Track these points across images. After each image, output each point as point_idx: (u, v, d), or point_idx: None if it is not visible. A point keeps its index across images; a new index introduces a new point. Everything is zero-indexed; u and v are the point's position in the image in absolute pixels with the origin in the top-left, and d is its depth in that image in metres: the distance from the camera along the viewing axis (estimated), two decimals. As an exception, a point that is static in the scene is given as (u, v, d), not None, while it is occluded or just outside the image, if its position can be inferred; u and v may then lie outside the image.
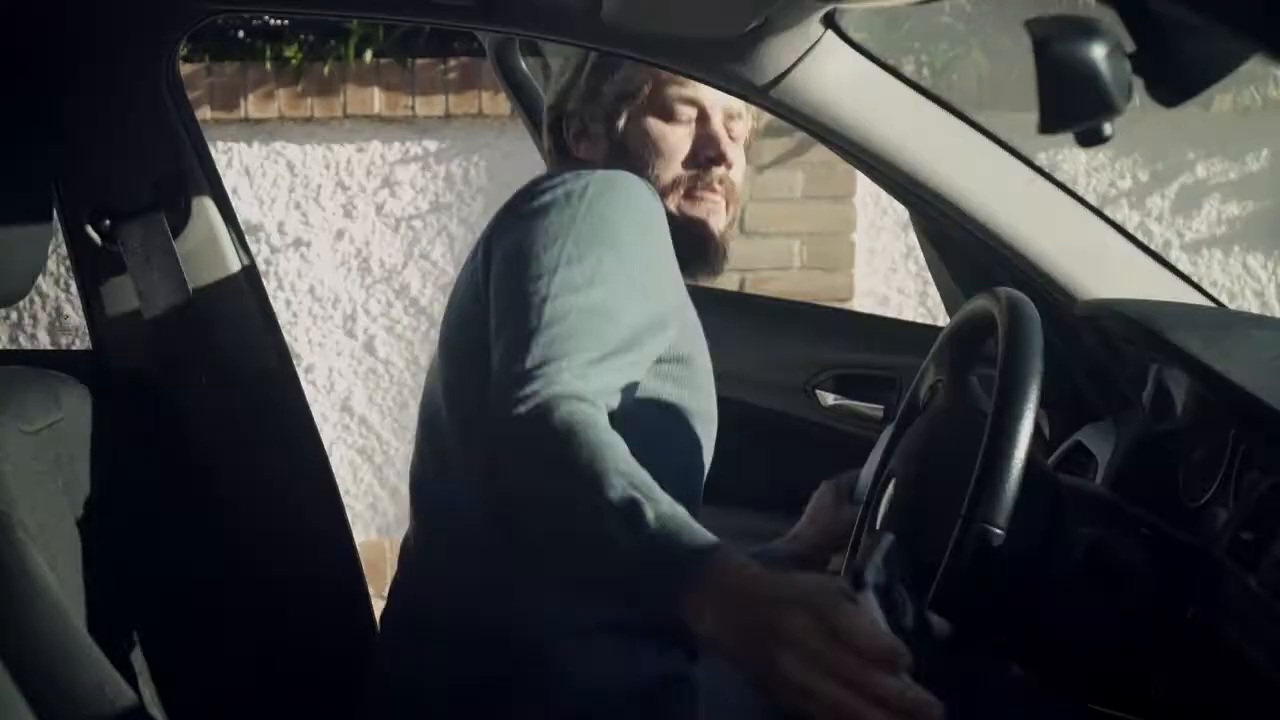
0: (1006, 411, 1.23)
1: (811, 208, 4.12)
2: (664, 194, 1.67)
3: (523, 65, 2.51)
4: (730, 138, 1.72)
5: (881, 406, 2.28)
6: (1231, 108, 4.11)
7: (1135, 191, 4.27)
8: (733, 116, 1.73)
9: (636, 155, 1.69)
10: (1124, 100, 0.85)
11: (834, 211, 4.14)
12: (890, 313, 4.11)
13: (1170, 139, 4.19)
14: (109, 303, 1.83)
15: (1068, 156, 4.17)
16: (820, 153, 3.89)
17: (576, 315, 1.39)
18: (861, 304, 4.12)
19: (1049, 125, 0.86)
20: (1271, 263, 4.29)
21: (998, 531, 1.20)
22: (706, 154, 1.69)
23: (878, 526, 1.49)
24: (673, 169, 1.69)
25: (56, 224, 1.77)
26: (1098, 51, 0.84)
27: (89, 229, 1.79)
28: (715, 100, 1.71)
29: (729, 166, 1.70)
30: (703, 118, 1.71)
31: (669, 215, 1.63)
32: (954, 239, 1.85)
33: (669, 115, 1.70)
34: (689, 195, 1.69)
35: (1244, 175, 4.25)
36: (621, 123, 1.71)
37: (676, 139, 1.70)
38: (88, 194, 1.79)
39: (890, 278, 4.22)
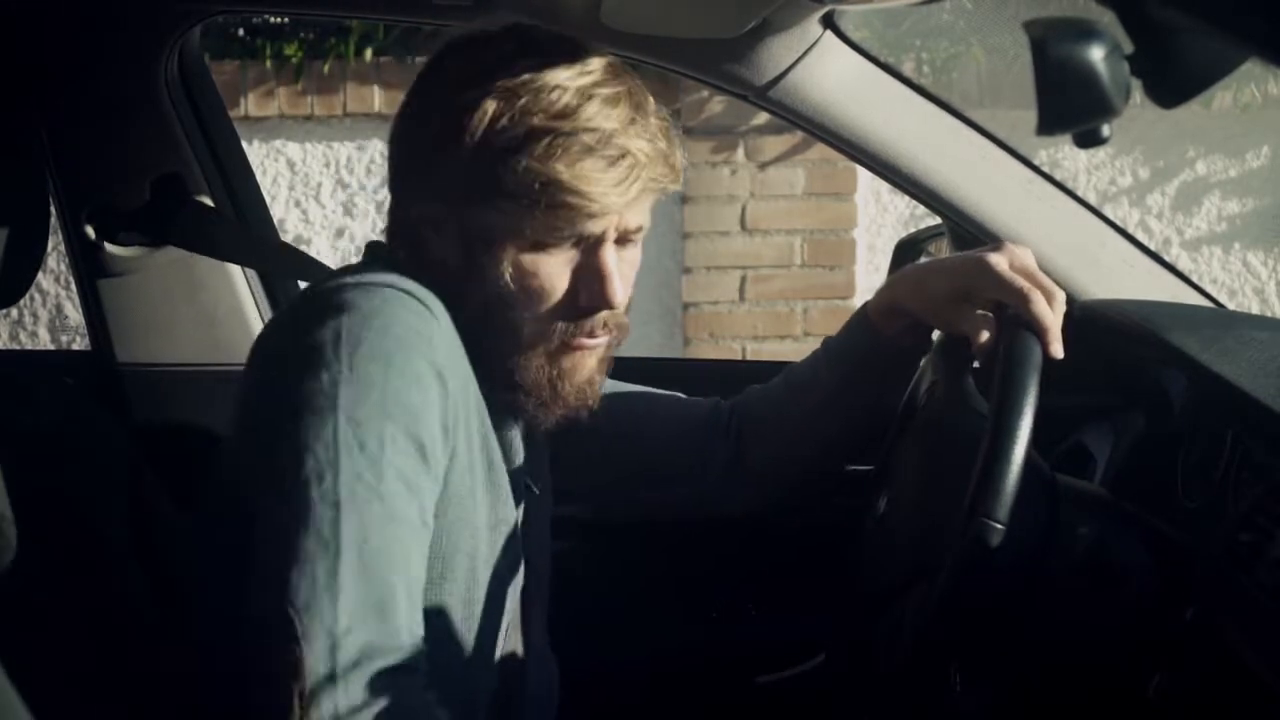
0: (1006, 410, 1.23)
1: (813, 205, 4.12)
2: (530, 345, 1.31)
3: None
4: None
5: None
6: (1232, 105, 4.11)
7: (1136, 189, 4.26)
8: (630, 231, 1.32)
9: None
10: (1122, 102, 0.85)
11: (835, 209, 4.14)
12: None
13: (1171, 136, 4.19)
14: (108, 302, 1.83)
15: (1068, 154, 4.17)
16: (821, 150, 3.89)
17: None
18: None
19: (1047, 127, 0.86)
20: (1271, 260, 4.29)
21: (998, 527, 1.20)
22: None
23: (877, 527, 1.49)
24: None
25: (55, 223, 1.77)
26: (1095, 53, 0.84)
27: (87, 228, 1.79)
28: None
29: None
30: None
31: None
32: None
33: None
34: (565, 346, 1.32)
35: (1244, 172, 4.25)
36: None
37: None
38: (86, 193, 1.79)
39: (891, 275, 4.22)
